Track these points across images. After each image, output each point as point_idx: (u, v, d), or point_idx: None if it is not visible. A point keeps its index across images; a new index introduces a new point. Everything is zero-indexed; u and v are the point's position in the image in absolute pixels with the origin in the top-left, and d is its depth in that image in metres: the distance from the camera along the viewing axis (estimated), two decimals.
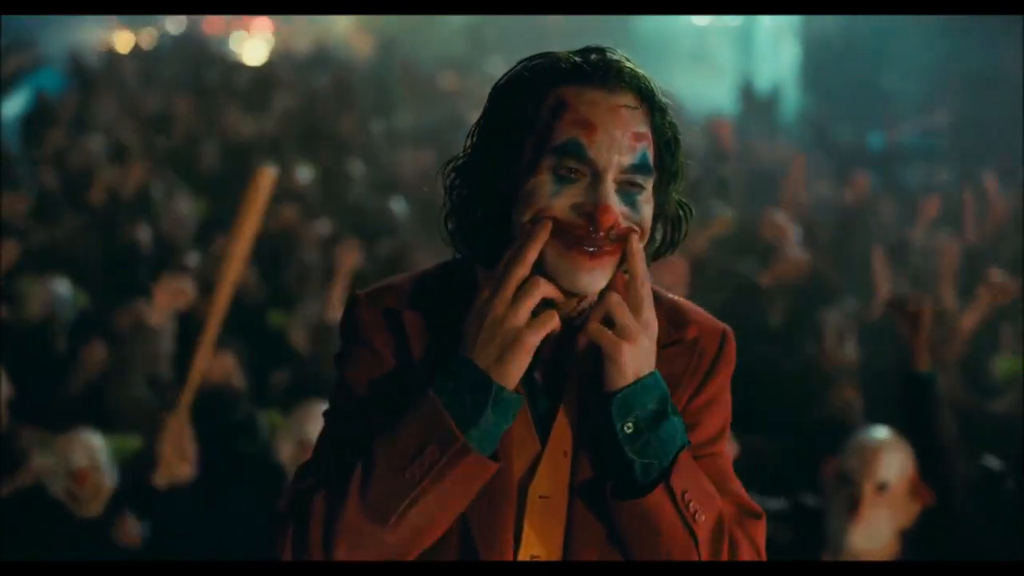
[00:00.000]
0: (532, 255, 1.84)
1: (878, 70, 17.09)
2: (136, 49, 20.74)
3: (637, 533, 1.91)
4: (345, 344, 2.02)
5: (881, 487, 3.69)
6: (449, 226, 2.00)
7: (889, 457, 3.74)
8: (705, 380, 2.03)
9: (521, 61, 1.98)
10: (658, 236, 1.99)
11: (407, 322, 1.96)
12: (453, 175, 2.00)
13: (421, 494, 1.83)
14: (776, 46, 20.01)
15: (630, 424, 1.87)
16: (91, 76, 13.35)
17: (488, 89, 2.00)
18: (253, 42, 23.66)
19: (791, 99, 18.37)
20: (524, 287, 1.85)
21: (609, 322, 1.89)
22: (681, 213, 2.00)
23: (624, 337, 1.87)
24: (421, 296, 2.00)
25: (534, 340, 1.84)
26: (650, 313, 1.89)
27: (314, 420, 4.47)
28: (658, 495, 1.87)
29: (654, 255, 2.00)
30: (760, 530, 2.00)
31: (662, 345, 1.97)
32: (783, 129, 16.78)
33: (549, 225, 1.85)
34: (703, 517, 1.90)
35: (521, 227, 1.89)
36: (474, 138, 1.98)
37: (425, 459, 1.82)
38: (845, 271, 7.47)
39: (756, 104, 17.03)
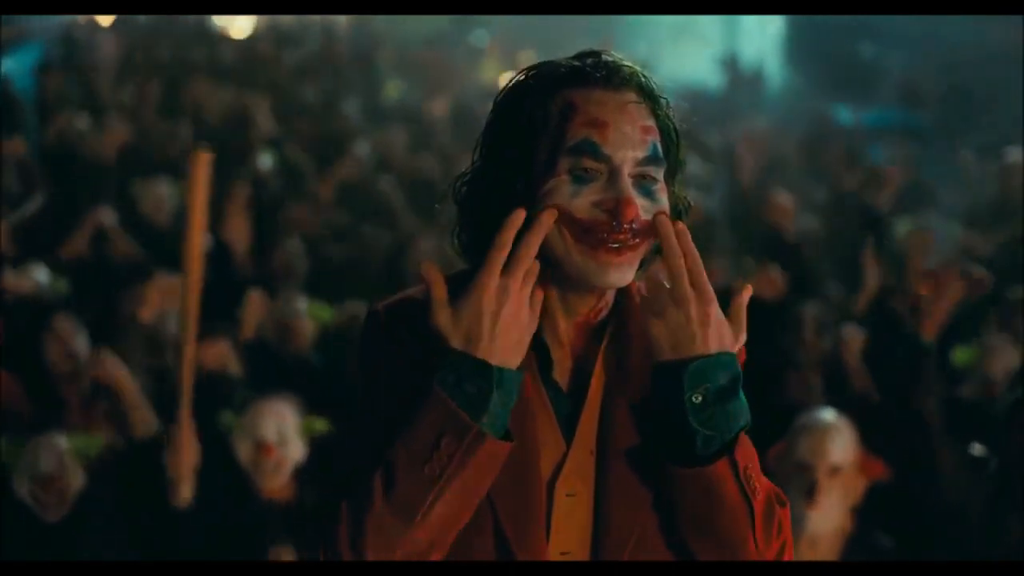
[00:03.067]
0: (508, 238, 1.88)
1: (862, 43, 17.10)
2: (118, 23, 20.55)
3: (695, 504, 1.95)
4: (364, 357, 2.06)
5: (834, 470, 3.78)
6: (463, 238, 2.05)
7: (839, 439, 3.83)
8: None
9: (521, 71, 2.04)
10: None
11: (426, 339, 1.97)
12: (464, 188, 2.04)
13: (446, 485, 1.86)
14: (761, 19, 19.98)
15: (699, 395, 1.91)
16: (76, 52, 13.29)
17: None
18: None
19: (776, 73, 18.37)
20: (510, 269, 1.89)
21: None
22: (682, 206, 2.06)
23: (655, 313, 1.94)
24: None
25: (535, 322, 1.92)
26: (684, 288, 1.93)
27: (268, 419, 4.49)
28: (722, 467, 1.92)
29: (659, 250, 2.03)
30: (788, 517, 2.06)
31: None
32: (768, 104, 16.80)
33: (523, 213, 1.89)
34: (760, 495, 1.96)
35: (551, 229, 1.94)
36: (483, 149, 2.03)
37: (443, 451, 1.86)
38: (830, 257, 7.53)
39: (741, 78, 17.06)
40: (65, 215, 7.37)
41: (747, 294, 1.99)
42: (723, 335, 1.94)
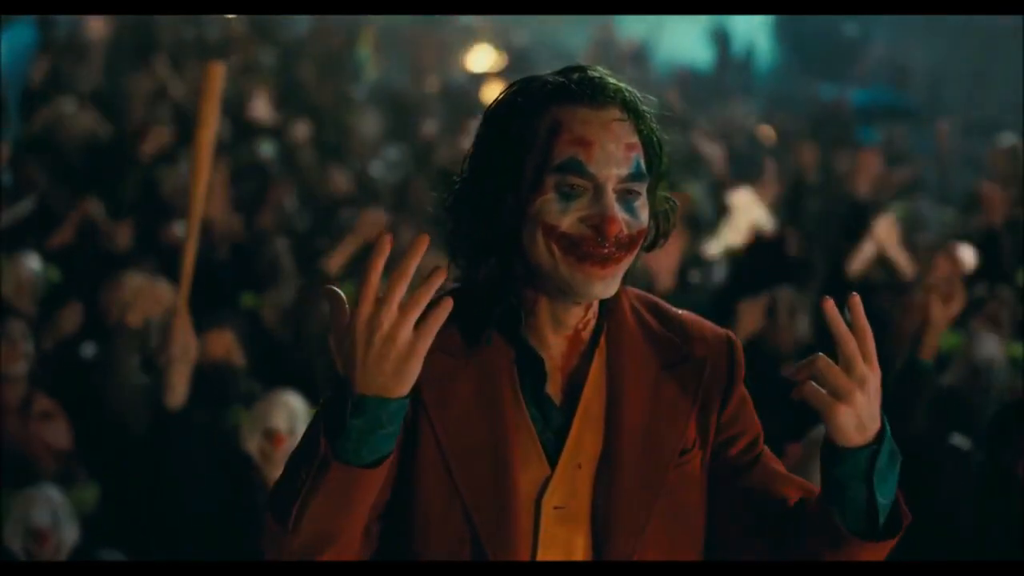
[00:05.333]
0: (376, 265, 1.82)
1: (847, 21, 17.09)
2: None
3: (836, 555, 1.99)
4: None
5: None
6: (453, 247, 2.10)
7: None
8: (728, 391, 2.15)
9: (509, 85, 2.09)
10: (651, 232, 2.09)
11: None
12: (453, 200, 2.09)
13: (305, 502, 1.89)
14: None
15: (885, 472, 1.94)
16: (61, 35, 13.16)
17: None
18: None
19: (765, 52, 18.34)
20: (408, 302, 1.83)
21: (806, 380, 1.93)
22: (667, 207, 2.12)
23: (840, 398, 1.91)
24: None
25: (423, 348, 1.84)
26: (863, 369, 1.91)
27: (279, 408, 4.54)
28: (899, 532, 1.98)
29: (647, 248, 2.10)
30: None
31: (674, 364, 2.11)
32: (757, 82, 16.79)
33: (426, 239, 1.82)
34: None
35: (534, 247, 1.98)
36: (472, 161, 2.08)
37: (303, 469, 1.89)
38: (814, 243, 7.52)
39: (730, 56, 17.04)
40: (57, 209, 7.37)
41: (853, 345, 1.94)
42: (857, 417, 1.92)
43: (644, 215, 2.03)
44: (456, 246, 2.10)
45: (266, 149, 9.58)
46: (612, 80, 2.03)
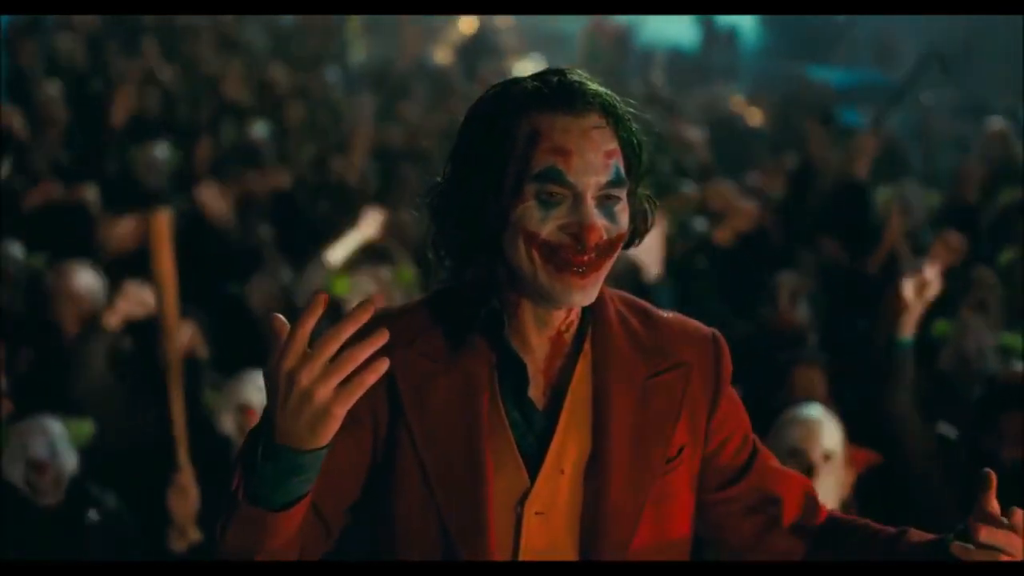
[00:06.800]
0: (347, 332, 1.79)
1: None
2: None
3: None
4: None
5: (827, 456, 3.82)
6: (439, 252, 2.10)
7: (829, 427, 3.89)
8: (716, 395, 2.17)
9: (489, 90, 2.08)
10: (629, 232, 2.09)
11: (396, 360, 1.94)
12: (437, 202, 2.09)
13: (224, 525, 1.91)
14: None
15: None
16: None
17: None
18: None
19: (750, 32, 18.32)
20: (336, 361, 1.78)
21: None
22: (647, 206, 2.12)
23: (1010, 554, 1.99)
24: (414, 331, 2.08)
25: (340, 411, 1.81)
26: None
27: (249, 385, 4.56)
28: None
29: (625, 247, 2.10)
30: None
31: (660, 372, 2.11)
32: (743, 64, 16.77)
33: (324, 297, 1.80)
34: None
35: (515, 253, 1.99)
36: (454, 165, 2.07)
37: (225, 495, 1.91)
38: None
39: (716, 36, 17.01)
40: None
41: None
42: None
43: (624, 219, 2.03)
44: (440, 248, 2.10)
45: (258, 130, 9.53)
46: (591, 86, 2.03)
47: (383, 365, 1.78)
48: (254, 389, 4.52)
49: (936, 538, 2.09)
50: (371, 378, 1.77)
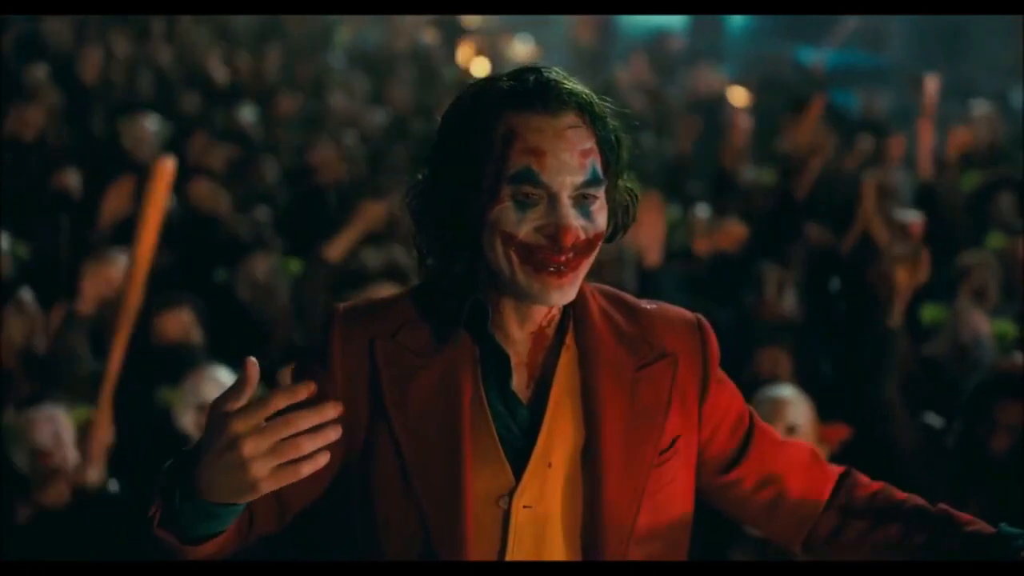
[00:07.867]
0: (308, 422, 1.79)
1: None
2: None
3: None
4: (311, 354, 2.12)
5: (791, 429, 3.86)
6: (420, 251, 2.11)
7: (796, 405, 3.97)
8: (705, 378, 2.17)
9: (466, 89, 2.08)
10: (609, 227, 2.09)
11: (378, 352, 2.05)
12: (416, 202, 2.09)
13: (148, 534, 1.92)
14: None
15: None
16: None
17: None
18: None
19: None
20: (283, 444, 1.79)
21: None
22: (628, 200, 2.11)
23: None
24: (396, 323, 2.09)
25: (268, 488, 1.82)
26: None
27: (209, 383, 4.46)
28: None
29: (608, 239, 2.10)
30: None
31: (646, 364, 2.11)
32: (729, 46, 16.73)
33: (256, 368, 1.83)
34: None
35: (493, 254, 1.99)
36: (432, 165, 2.07)
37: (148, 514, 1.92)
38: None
39: (702, 18, 17.00)
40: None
41: None
42: None
43: (601, 218, 2.03)
44: (421, 247, 2.10)
45: (246, 114, 9.48)
46: (567, 84, 2.02)
47: (323, 458, 1.80)
48: (215, 388, 4.38)
49: (995, 534, 2.08)
50: (308, 470, 1.79)
